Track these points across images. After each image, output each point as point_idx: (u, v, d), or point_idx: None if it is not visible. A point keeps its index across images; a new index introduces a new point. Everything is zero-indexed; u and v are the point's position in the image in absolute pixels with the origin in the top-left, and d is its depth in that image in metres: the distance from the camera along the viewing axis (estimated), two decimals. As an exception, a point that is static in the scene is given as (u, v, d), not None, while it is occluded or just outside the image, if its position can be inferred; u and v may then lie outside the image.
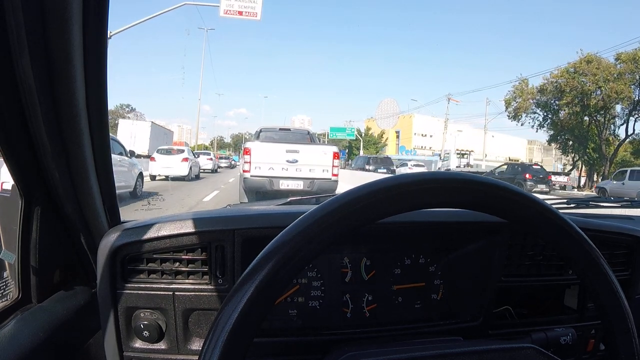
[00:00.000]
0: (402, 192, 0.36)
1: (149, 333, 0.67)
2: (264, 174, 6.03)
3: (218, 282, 0.68)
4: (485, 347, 0.47)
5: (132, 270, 0.68)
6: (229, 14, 12.68)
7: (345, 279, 0.77)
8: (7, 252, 0.63)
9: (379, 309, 0.77)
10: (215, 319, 0.34)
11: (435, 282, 0.80)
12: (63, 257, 0.71)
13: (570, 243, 0.40)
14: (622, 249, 0.88)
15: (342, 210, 0.35)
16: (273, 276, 0.34)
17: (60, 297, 0.67)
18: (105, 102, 0.61)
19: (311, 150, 6.40)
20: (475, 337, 0.72)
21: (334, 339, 0.71)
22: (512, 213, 0.39)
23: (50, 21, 0.48)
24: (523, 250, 0.79)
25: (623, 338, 0.41)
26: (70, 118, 0.56)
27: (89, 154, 0.62)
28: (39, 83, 0.50)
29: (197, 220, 0.69)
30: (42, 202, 0.63)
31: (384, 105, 37.79)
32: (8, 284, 0.64)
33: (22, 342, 0.53)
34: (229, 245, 0.68)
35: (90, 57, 0.54)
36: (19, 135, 0.55)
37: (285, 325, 0.74)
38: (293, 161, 6.12)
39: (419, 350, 0.50)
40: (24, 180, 0.60)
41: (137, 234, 0.67)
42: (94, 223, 0.69)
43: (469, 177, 0.38)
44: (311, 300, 0.75)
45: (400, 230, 0.75)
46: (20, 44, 0.48)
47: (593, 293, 0.42)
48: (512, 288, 0.80)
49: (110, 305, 0.66)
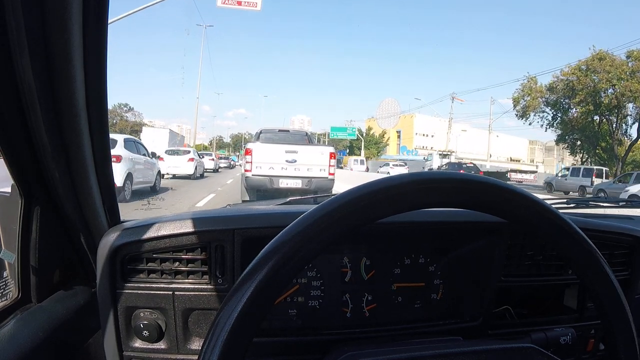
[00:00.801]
0: (401, 192, 0.36)
1: (148, 333, 0.67)
2: (264, 173, 6.40)
3: (218, 282, 0.68)
4: (485, 347, 0.47)
5: (131, 270, 0.68)
6: (227, 4, 12.47)
7: (345, 278, 0.77)
8: (7, 251, 0.63)
9: (378, 309, 0.77)
10: (215, 319, 0.34)
11: (435, 282, 0.80)
12: (63, 257, 0.71)
13: (570, 243, 0.40)
14: (622, 249, 0.88)
15: (341, 210, 0.35)
16: (273, 276, 0.34)
17: (60, 297, 0.67)
18: (105, 102, 0.61)
19: (309, 150, 6.75)
20: (475, 337, 0.72)
21: (333, 338, 0.71)
22: (512, 213, 0.39)
23: (50, 21, 0.48)
24: (523, 250, 0.79)
25: (623, 338, 0.41)
26: (70, 118, 0.56)
27: (89, 154, 0.62)
28: (39, 83, 0.50)
29: (196, 219, 0.69)
30: (42, 202, 0.63)
31: (385, 104, 37.63)
32: (8, 284, 0.64)
33: (22, 342, 0.53)
34: (228, 245, 0.68)
35: (90, 57, 0.54)
36: (19, 135, 0.55)
37: (285, 325, 0.74)
38: (292, 161, 6.49)
39: (418, 350, 0.50)
40: (24, 180, 0.60)
41: (137, 233, 0.67)
42: (94, 223, 0.69)
43: (467, 177, 0.38)
44: (311, 300, 0.75)
45: (400, 230, 0.75)
46: (20, 44, 0.48)
47: (593, 293, 0.42)
48: (512, 288, 0.80)
49: (110, 305, 0.66)
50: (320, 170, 6.61)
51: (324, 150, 6.86)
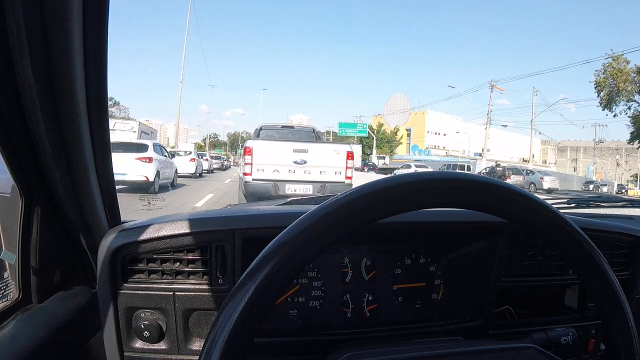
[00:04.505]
0: (402, 192, 0.36)
1: (149, 333, 0.67)
2: (267, 177, 5.25)
3: (218, 282, 0.68)
4: (486, 347, 0.47)
5: (132, 271, 0.68)
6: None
7: (345, 279, 0.77)
8: (7, 252, 0.63)
9: (379, 309, 0.77)
10: (215, 319, 0.34)
11: (436, 282, 0.80)
12: (63, 258, 0.71)
13: (570, 243, 0.40)
14: (622, 249, 0.88)
15: (342, 210, 0.35)
16: (273, 276, 0.34)
17: (60, 298, 0.67)
18: (106, 102, 0.61)
19: (321, 149, 5.56)
20: (475, 337, 0.72)
21: (334, 339, 0.71)
22: (512, 213, 0.39)
23: (50, 21, 0.48)
24: (523, 250, 0.79)
25: (623, 338, 0.41)
26: (71, 118, 0.56)
27: (89, 154, 0.62)
28: (39, 83, 0.50)
29: (197, 220, 0.69)
30: (42, 203, 0.63)
31: (393, 100, 34.53)
32: (8, 284, 0.64)
33: (23, 343, 0.53)
34: (229, 246, 0.68)
35: (90, 57, 0.54)
36: (19, 135, 0.55)
37: (286, 326, 0.74)
38: (301, 162, 5.34)
39: (419, 350, 0.50)
40: (24, 180, 0.60)
41: (138, 234, 0.67)
42: (94, 223, 0.69)
43: (468, 177, 0.38)
44: (311, 300, 0.75)
45: (401, 230, 0.75)
46: (20, 44, 0.47)
47: (593, 293, 0.42)
48: (512, 288, 0.80)
49: (111, 305, 0.66)
50: (335, 174, 5.39)
51: (340, 148, 5.54)
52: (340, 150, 5.52)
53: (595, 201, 1.47)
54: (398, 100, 34.81)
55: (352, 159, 5.56)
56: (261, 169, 5.27)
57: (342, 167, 5.44)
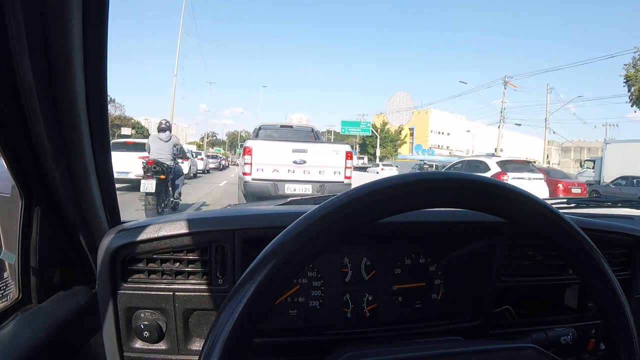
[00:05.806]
0: (402, 192, 0.36)
1: (149, 333, 0.67)
2: (267, 177, 5.36)
3: (218, 283, 0.68)
4: (486, 347, 0.47)
5: (132, 271, 0.68)
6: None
7: (345, 279, 0.77)
8: (7, 252, 0.63)
9: (379, 309, 0.77)
10: (215, 319, 0.34)
11: (436, 282, 0.80)
12: (63, 258, 0.71)
13: (570, 243, 0.40)
14: (622, 248, 0.88)
15: (342, 210, 0.35)
16: (273, 276, 0.34)
17: (60, 298, 0.67)
18: (106, 102, 0.61)
19: (321, 149, 5.64)
20: (475, 337, 0.72)
21: (334, 339, 0.71)
22: (512, 213, 0.39)
23: (50, 21, 0.48)
24: (523, 250, 0.79)
25: (623, 338, 0.41)
26: (70, 118, 0.56)
27: (89, 154, 0.62)
28: (39, 83, 0.50)
29: (197, 220, 0.69)
30: (42, 203, 0.63)
31: (396, 99, 33.50)
32: (8, 285, 0.64)
33: (22, 343, 0.53)
34: (229, 246, 0.68)
35: (90, 57, 0.54)
36: (19, 135, 0.55)
37: (286, 326, 0.74)
38: (300, 162, 5.44)
39: (419, 350, 0.50)
40: (24, 180, 0.60)
41: (137, 234, 0.67)
42: (94, 223, 0.69)
43: (467, 176, 0.38)
44: (311, 300, 0.75)
45: (401, 230, 0.75)
46: (20, 44, 0.47)
47: (593, 293, 0.42)
48: (512, 288, 0.80)
49: (111, 305, 0.66)
50: (334, 174, 5.49)
51: (339, 148, 5.63)
52: (340, 150, 5.60)
53: (595, 201, 1.47)
54: (401, 98, 33.88)
55: (351, 158, 5.66)
56: (261, 169, 5.38)
57: (341, 167, 5.53)
